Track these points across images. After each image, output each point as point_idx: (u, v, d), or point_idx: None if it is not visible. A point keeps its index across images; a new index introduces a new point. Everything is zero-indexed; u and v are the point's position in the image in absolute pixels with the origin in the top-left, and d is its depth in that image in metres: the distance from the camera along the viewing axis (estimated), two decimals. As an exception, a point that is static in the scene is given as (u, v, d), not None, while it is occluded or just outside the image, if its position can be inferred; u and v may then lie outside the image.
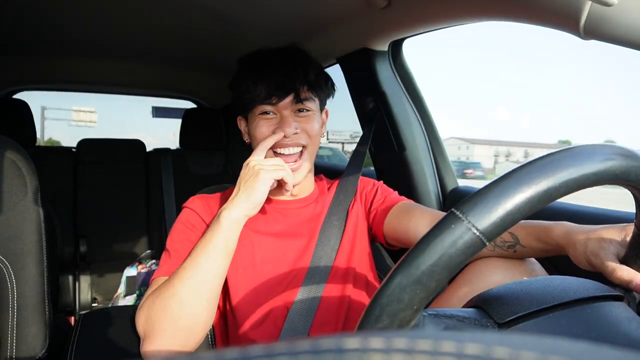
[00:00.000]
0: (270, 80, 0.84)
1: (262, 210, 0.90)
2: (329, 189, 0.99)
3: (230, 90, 0.96)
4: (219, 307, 0.86)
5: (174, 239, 0.84)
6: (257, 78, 0.85)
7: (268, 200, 0.91)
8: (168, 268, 0.78)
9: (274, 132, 0.84)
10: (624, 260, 0.53)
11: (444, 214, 0.36)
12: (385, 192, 0.98)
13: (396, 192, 0.99)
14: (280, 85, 0.84)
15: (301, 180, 0.88)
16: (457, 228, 0.33)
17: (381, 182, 1.02)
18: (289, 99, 0.85)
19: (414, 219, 0.86)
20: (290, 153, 0.85)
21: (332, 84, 0.95)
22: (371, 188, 0.99)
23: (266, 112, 0.85)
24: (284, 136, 0.83)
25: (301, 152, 0.86)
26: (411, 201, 0.95)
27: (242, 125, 0.95)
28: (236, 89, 0.91)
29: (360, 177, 1.02)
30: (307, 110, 0.87)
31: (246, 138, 0.94)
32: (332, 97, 0.96)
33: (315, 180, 1.00)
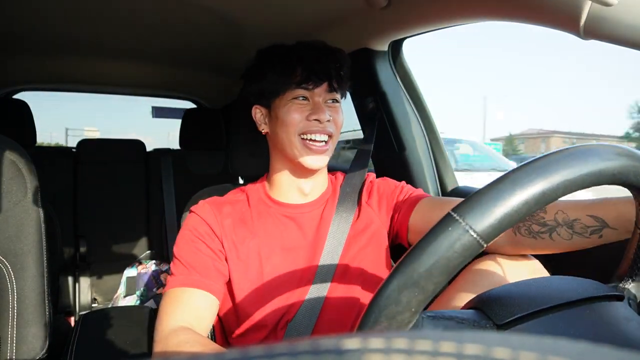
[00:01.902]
0: (307, 65, 0.84)
1: (272, 217, 0.88)
2: (340, 186, 0.97)
3: (245, 80, 0.94)
4: (220, 310, 0.85)
5: (182, 247, 0.82)
6: (294, 62, 0.85)
7: (278, 204, 0.90)
8: (182, 279, 0.77)
9: (307, 119, 0.83)
10: (625, 262, 0.53)
11: None
12: (410, 189, 0.95)
13: (421, 189, 0.97)
14: (317, 71, 0.84)
15: (324, 166, 0.88)
16: (454, 230, 0.33)
17: (404, 182, 0.99)
18: (324, 86, 0.85)
19: (446, 210, 0.83)
20: (320, 139, 0.84)
21: (347, 86, 0.93)
22: (394, 189, 0.96)
23: (299, 97, 0.84)
24: (318, 121, 0.83)
25: (327, 141, 0.86)
26: (438, 197, 0.92)
27: (257, 114, 0.91)
28: (260, 76, 0.89)
29: (382, 178, 1.00)
30: (336, 102, 0.88)
31: (263, 128, 0.91)
32: (344, 98, 0.95)
33: (330, 177, 0.98)
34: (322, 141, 0.84)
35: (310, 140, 0.84)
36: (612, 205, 0.63)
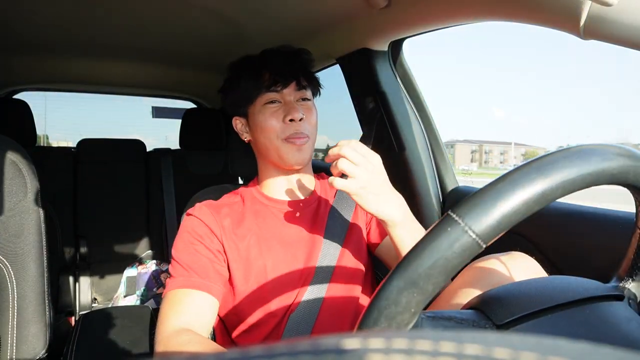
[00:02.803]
0: (272, 69, 0.87)
1: (269, 214, 0.90)
2: (331, 187, 0.99)
3: (222, 93, 0.97)
4: (220, 310, 0.86)
5: (180, 249, 0.82)
6: (259, 68, 0.88)
7: (274, 201, 0.92)
8: (182, 281, 0.78)
9: (283, 122, 0.85)
10: (625, 261, 0.53)
11: None
12: None
13: None
14: (282, 72, 0.87)
15: (307, 161, 0.89)
16: (453, 231, 0.33)
17: None
18: (292, 86, 0.88)
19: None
20: (298, 137, 0.87)
21: (318, 82, 0.97)
22: None
23: (271, 102, 0.87)
24: (293, 121, 0.85)
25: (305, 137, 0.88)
26: None
27: (238, 125, 0.95)
28: (233, 87, 0.93)
29: None
30: (308, 100, 0.91)
31: (245, 137, 0.94)
32: (319, 95, 0.98)
33: (317, 179, 0.99)
34: (300, 138, 0.87)
35: (291, 138, 0.86)
36: None
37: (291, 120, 0.85)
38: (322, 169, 1.12)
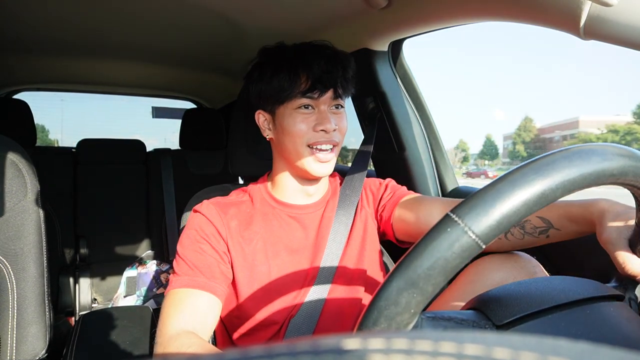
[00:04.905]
0: (312, 73, 0.81)
1: (277, 218, 0.88)
2: (339, 187, 0.98)
3: (247, 81, 0.90)
4: (222, 311, 0.85)
5: (187, 247, 0.81)
6: (298, 69, 0.81)
7: (283, 204, 0.90)
8: (186, 281, 0.77)
9: (313, 129, 0.82)
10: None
11: (455, 200, 0.36)
12: (394, 188, 0.96)
13: (405, 187, 0.97)
14: (322, 79, 0.81)
15: (330, 173, 0.87)
16: (453, 232, 0.33)
17: (390, 179, 1.00)
18: (329, 94, 0.83)
19: (424, 208, 0.84)
20: (326, 148, 0.83)
21: (353, 86, 0.92)
22: (379, 186, 0.97)
23: (304, 106, 0.82)
24: (325, 132, 0.82)
25: (332, 148, 0.85)
26: (419, 194, 0.93)
27: (260, 119, 0.88)
28: (263, 78, 0.85)
29: (368, 177, 1.00)
30: (341, 107, 0.86)
31: (267, 134, 0.88)
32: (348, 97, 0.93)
33: (329, 178, 0.98)
34: (327, 150, 0.83)
35: (317, 149, 0.83)
36: (558, 208, 0.68)
37: (322, 130, 0.82)
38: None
